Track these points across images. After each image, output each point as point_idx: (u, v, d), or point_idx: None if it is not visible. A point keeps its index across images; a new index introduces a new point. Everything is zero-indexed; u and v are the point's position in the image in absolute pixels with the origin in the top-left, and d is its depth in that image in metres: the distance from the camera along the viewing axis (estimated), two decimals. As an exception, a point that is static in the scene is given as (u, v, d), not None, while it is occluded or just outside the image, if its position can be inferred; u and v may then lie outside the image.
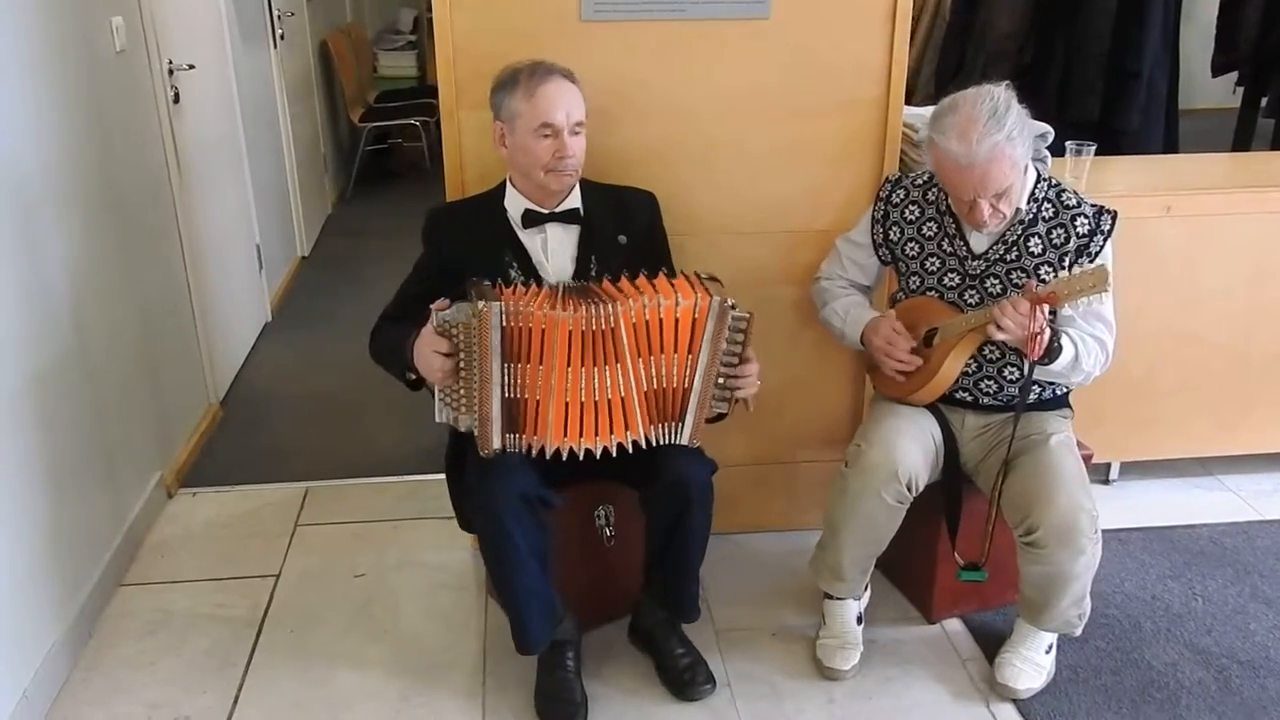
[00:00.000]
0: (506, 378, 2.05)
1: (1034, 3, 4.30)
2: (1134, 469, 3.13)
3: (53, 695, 2.29)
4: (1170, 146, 4.40)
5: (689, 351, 2.05)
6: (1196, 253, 2.83)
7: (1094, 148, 2.82)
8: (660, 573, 2.24)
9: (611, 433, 2.07)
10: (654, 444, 2.08)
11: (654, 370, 2.05)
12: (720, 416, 2.16)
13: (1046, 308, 1.98)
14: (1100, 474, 3.12)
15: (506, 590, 2.16)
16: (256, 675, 2.37)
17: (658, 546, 2.20)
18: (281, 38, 4.84)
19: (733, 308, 2.05)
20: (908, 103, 3.84)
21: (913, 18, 5.14)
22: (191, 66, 3.38)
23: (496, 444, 2.06)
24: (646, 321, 2.04)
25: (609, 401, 2.06)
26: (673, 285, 2.08)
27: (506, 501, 2.05)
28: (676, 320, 2.04)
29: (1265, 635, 2.46)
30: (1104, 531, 2.79)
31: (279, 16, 4.80)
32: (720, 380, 2.08)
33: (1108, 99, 4.21)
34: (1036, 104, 4.33)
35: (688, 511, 2.12)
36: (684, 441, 2.09)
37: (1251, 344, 2.96)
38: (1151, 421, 3.01)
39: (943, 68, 4.72)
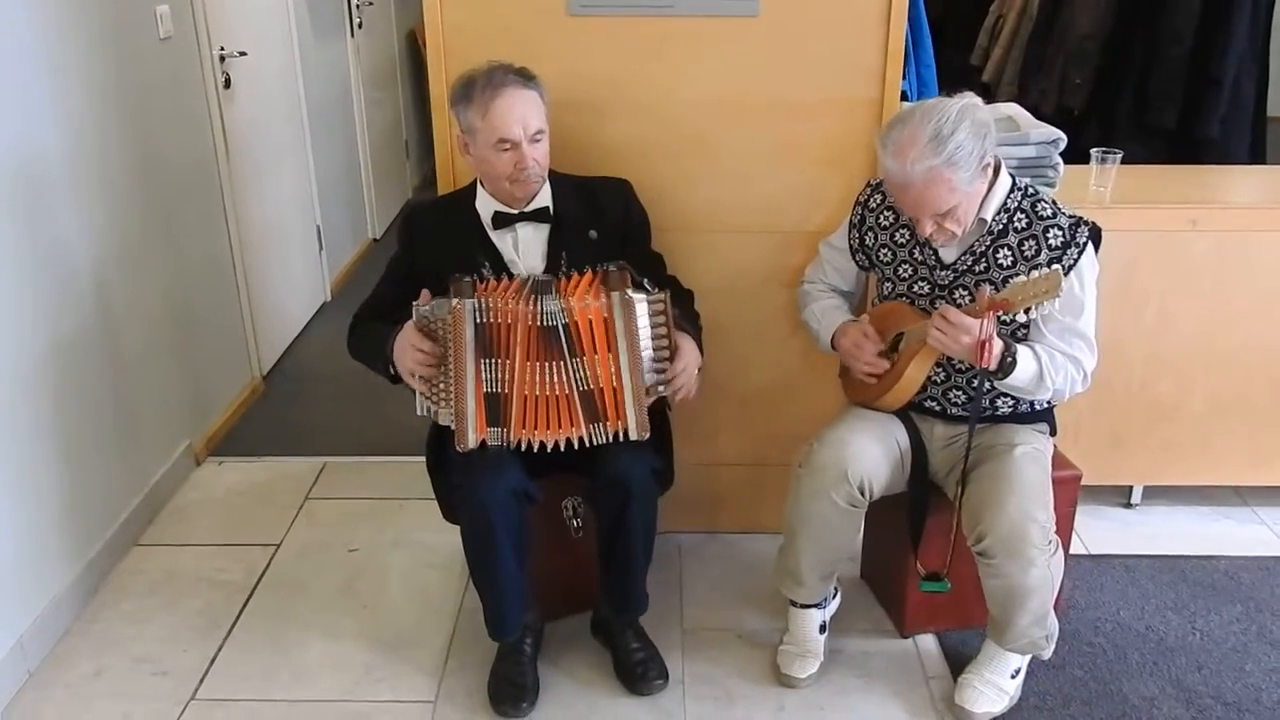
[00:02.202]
0: (485, 373, 2.09)
1: (1117, 2, 4.13)
2: (1162, 494, 2.99)
3: (51, 643, 2.44)
4: (1256, 158, 4.17)
5: (609, 350, 2.06)
6: (1228, 270, 2.68)
7: (1119, 156, 2.71)
8: (606, 569, 2.25)
9: (560, 427, 2.10)
10: (591, 444, 2.10)
11: (585, 371, 2.07)
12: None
13: (993, 316, 1.92)
14: (1122, 497, 2.99)
15: (487, 580, 2.21)
16: (236, 639, 2.48)
17: (603, 543, 2.22)
18: (359, 26, 4.99)
19: (643, 290, 2.05)
20: (990, 101, 3.75)
21: (999, 15, 5.03)
22: (243, 53, 3.52)
23: (473, 440, 2.10)
24: (575, 322, 2.05)
25: (556, 398, 2.09)
26: (575, 286, 2.08)
27: (495, 496, 2.09)
28: (590, 322, 2.05)
29: (1261, 677, 2.32)
30: (1111, 556, 2.76)
31: (357, 6, 4.95)
32: (656, 366, 2.08)
33: (1187, 106, 4.01)
34: (1113, 109, 4.21)
35: (626, 508, 2.13)
36: (634, 436, 2.09)
37: (1292, 369, 2.79)
38: (1179, 445, 2.87)
39: (1026, 68, 4.58)
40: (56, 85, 2.51)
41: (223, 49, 3.42)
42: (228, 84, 3.46)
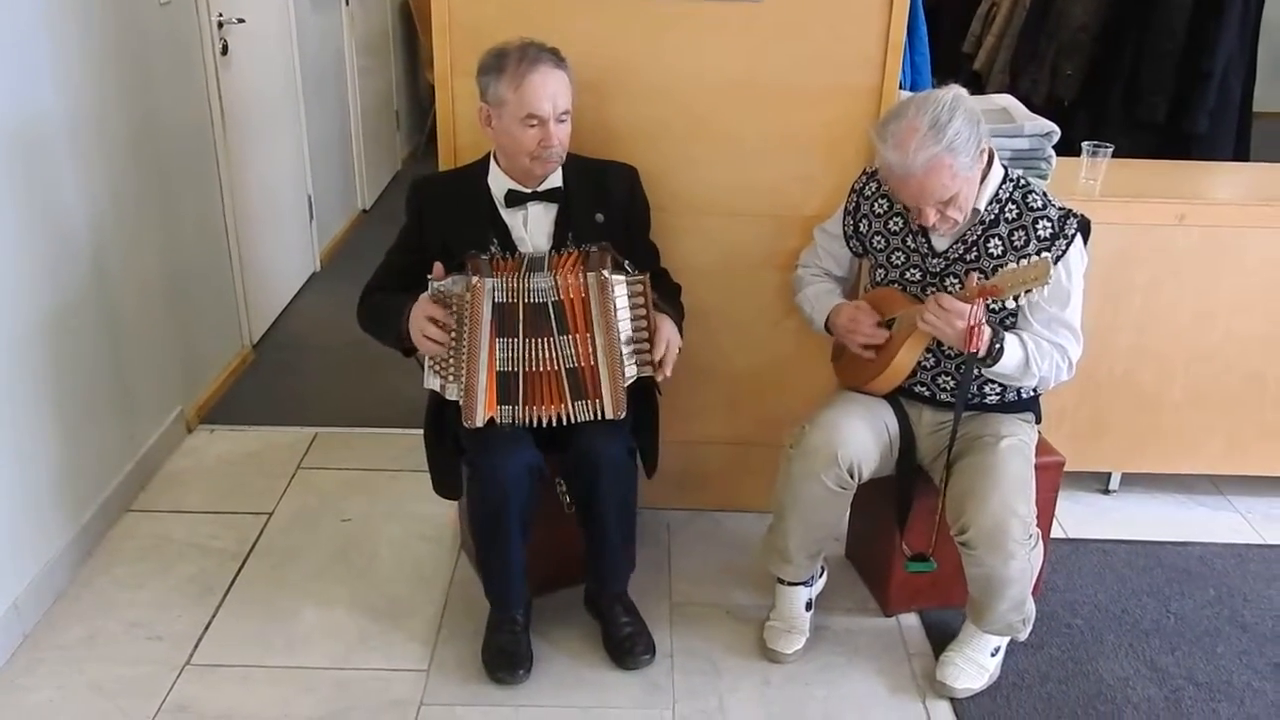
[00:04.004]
0: (501, 351, 2.12)
1: (1110, -6, 4.17)
2: (1139, 481, 3.06)
3: (45, 607, 2.46)
4: (1241, 154, 4.23)
5: (587, 329, 2.09)
6: (1212, 265, 2.74)
7: (1110, 149, 2.75)
8: (587, 544, 2.31)
9: (550, 403, 2.14)
10: (573, 421, 2.14)
11: (571, 349, 2.11)
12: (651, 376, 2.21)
13: (982, 302, 1.96)
14: (1100, 484, 3.06)
15: (494, 555, 2.26)
16: (230, 606, 2.50)
17: (581, 519, 2.27)
18: (354, -5, 4.98)
19: (624, 271, 2.10)
20: (981, 91, 3.77)
21: (993, 3, 5.05)
22: (241, 20, 3.51)
23: (481, 417, 2.13)
24: (561, 300, 2.10)
25: (546, 374, 2.13)
26: (562, 265, 2.12)
27: (511, 472, 2.14)
28: (571, 300, 2.09)
29: (1231, 659, 2.40)
30: (1089, 541, 2.82)
31: (353, -27, 4.93)
32: (634, 346, 2.12)
33: (1177, 99, 4.06)
34: (1103, 101, 4.26)
35: (597, 485, 2.18)
36: (609, 415, 2.13)
37: (1269, 364, 2.85)
38: (1158, 435, 2.93)
39: (1018, 57, 4.62)
40: (56, 48, 2.51)
41: (221, 15, 3.41)
42: (225, 50, 3.45)
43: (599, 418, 2.14)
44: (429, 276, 2.14)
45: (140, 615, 2.46)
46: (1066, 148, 2.77)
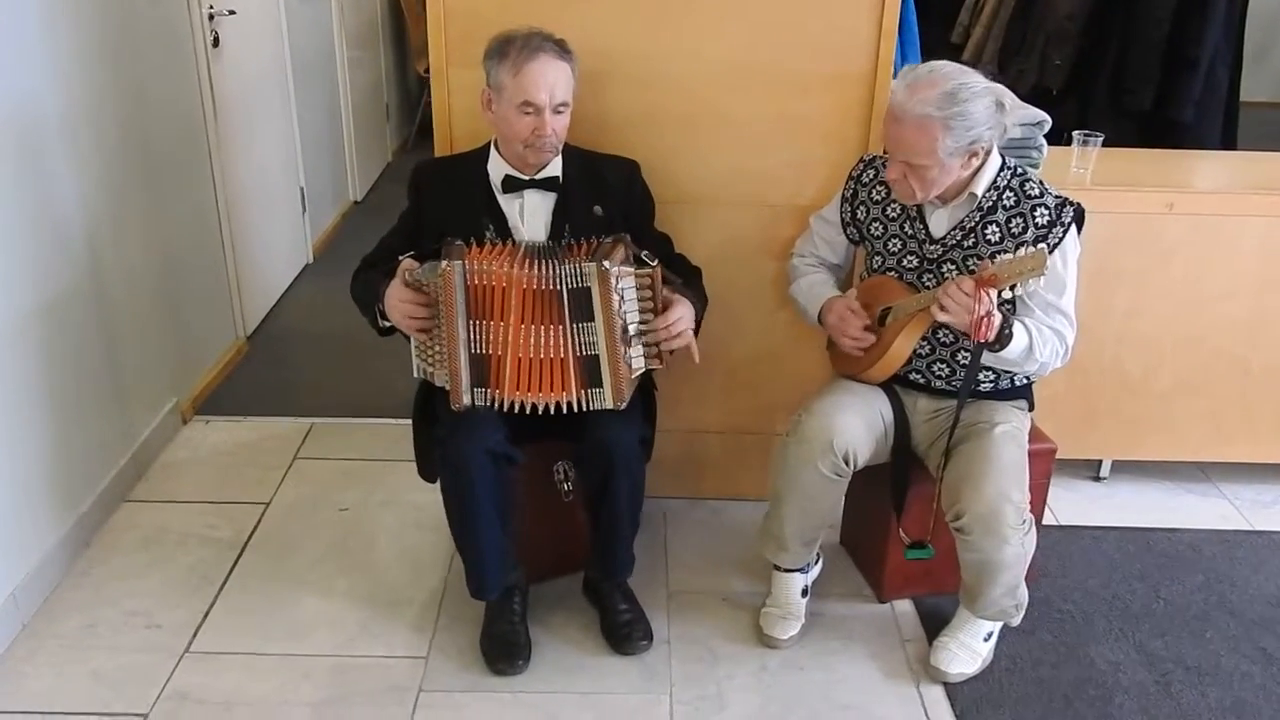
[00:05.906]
0: (473, 334, 2.13)
1: (1097, -17, 4.19)
2: (1129, 469, 3.09)
3: (43, 597, 2.47)
4: (1229, 143, 4.27)
5: (590, 319, 2.11)
6: (1200, 253, 2.77)
7: (1101, 138, 2.78)
8: (593, 532, 2.32)
9: (551, 390, 2.14)
10: (580, 409, 2.15)
11: (583, 336, 2.11)
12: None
13: (994, 292, 1.98)
14: (1091, 471, 3.09)
15: (466, 540, 2.26)
16: (229, 595, 2.51)
17: (590, 508, 2.28)
18: (344, -15, 4.97)
19: (637, 261, 2.11)
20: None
21: (981, -9, 5.03)
22: (232, 12, 3.51)
23: (467, 399, 2.15)
24: (572, 289, 2.10)
25: (550, 360, 2.13)
26: (576, 253, 2.13)
27: (473, 457, 2.14)
28: (574, 290, 2.10)
29: (1220, 644, 2.43)
30: (1081, 528, 2.85)
31: (342, -36, 4.93)
32: (640, 337, 2.13)
33: (1162, 89, 4.09)
34: (1091, 90, 4.28)
35: (611, 475, 2.19)
36: (607, 405, 2.14)
37: (1254, 351, 2.88)
38: (1146, 422, 2.96)
39: (1006, 46, 4.64)
40: (49, 40, 2.50)
41: (212, 7, 3.40)
42: (216, 43, 3.45)
43: (616, 406, 2.15)
44: (400, 257, 2.17)
45: (139, 604, 2.47)
46: (1054, 136, 2.80)
